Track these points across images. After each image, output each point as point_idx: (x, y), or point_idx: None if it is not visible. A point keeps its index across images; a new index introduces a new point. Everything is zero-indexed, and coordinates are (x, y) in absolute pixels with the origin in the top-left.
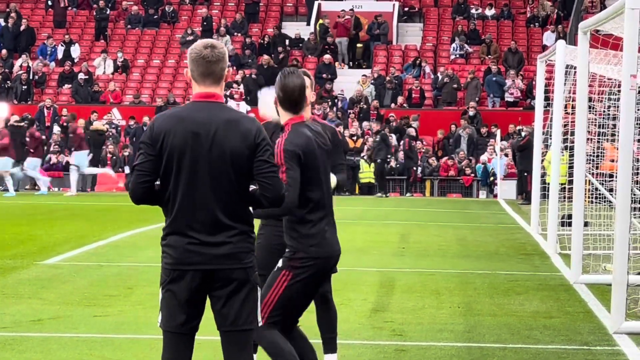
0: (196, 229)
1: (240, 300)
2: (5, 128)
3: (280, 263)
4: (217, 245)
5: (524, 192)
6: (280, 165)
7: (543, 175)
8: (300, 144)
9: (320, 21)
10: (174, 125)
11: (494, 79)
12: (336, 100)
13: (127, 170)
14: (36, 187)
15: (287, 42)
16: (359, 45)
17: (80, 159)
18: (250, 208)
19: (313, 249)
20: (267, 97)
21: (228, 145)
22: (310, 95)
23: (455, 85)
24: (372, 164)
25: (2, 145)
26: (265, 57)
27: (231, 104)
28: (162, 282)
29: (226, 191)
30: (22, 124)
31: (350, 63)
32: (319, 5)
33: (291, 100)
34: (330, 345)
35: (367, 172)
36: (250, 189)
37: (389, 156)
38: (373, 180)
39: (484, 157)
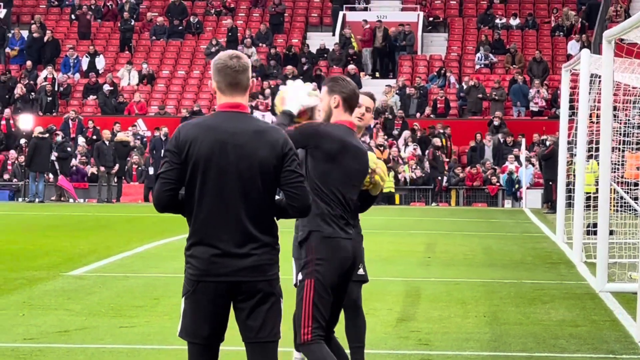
0: (222, 239)
1: (264, 312)
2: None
3: (300, 276)
4: (241, 257)
5: (549, 201)
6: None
7: (568, 184)
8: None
9: (346, 31)
10: (200, 134)
11: (519, 88)
12: None
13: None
14: (62, 199)
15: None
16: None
17: None
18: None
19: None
20: (298, 91)
21: (256, 156)
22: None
23: (480, 95)
24: (392, 173)
25: None
26: (289, 67)
27: (257, 114)
28: (185, 292)
29: (254, 202)
30: (46, 135)
31: (376, 73)
32: (344, 15)
33: (353, 105)
34: (357, 355)
35: (388, 182)
36: (276, 199)
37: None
38: (393, 190)
39: (511, 167)
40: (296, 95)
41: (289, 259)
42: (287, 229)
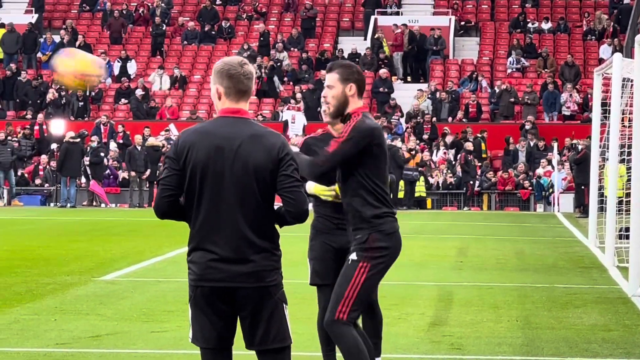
0: (219, 244)
1: (267, 319)
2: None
3: (354, 256)
4: (239, 263)
5: (581, 205)
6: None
7: (600, 188)
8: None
9: (376, 35)
10: (198, 140)
11: (550, 94)
12: (394, 114)
13: None
14: (94, 204)
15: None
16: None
17: None
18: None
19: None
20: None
21: (252, 160)
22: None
23: (512, 99)
24: (422, 177)
25: None
26: (322, 72)
27: (287, 113)
28: (189, 298)
29: (251, 207)
30: (77, 140)
31: (407, 77)
32: (376, 20)
33: (363, 90)
34: (375, 351)
35: (419, 186)
36: (276, 207)
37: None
38: (424, 194)
39: (540, 171)
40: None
41: (301, 263)
42: (299, 234)
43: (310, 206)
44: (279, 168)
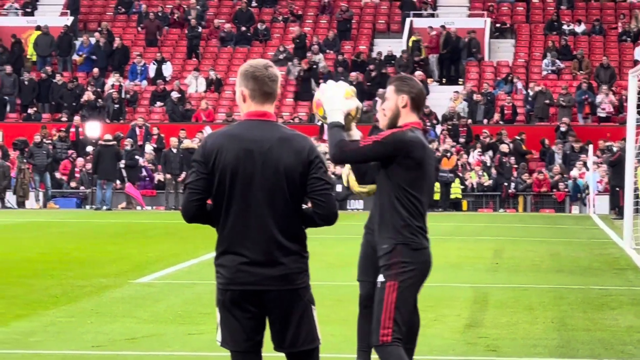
0: (248, 248)
1: (296, 322)
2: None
3: (381, 277)
4: (269, 266)
5: (616, 207)
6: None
7: (636, 189)
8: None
9: (413, 38)
10: (226, 143)
11: (586, 94)
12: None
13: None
14: (130, 207)
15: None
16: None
17: None
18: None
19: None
20: (335, 96)
21: (282, 163)
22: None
23: (547, 101)
24: (457, 179)
25: None
26: (353, 74)
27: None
28: (217, 301)
29: (281, 209)
30: (110, 142)
31: (442, 79)
32: (411, 22)
33: (420, 105)
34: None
35: (455, 188)
36: (303, 207)
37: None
38: (460, 196)
39: (576, 173)
40: (335, 100)
41: (336, 265)
42: (335, 236)
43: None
44: (309, 171)
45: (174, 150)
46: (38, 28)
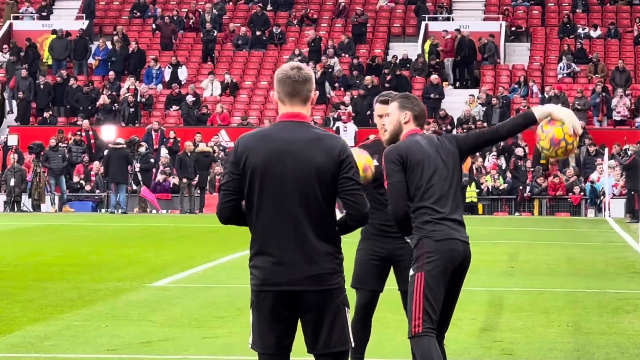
0: (282, 248)
1: (329, 323)
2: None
3: (411, 271)
4: (302, 266)
5: (632, 210)
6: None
7: None
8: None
9: (429, 41)
10: (257, 144)
11: (601, 97)
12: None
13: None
14: (146, 210)
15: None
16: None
17: None
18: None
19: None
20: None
21: (313, 162)
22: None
23: (561, 105)
24: (473, 183)
25: None
26: (368, 77)
27: (339, 125)
28: (251, 303)
29: (313, 209)
30: (119, 146)
31: (457, 83)
32: (427, 25)
33: (422, 123)
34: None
35: (470, 192)
36: (338, 217)
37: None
38: (475, 200)
39: (592, 176)
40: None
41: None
42: (356, 239)
43: None
44: (340, 170)
45: (189, 154)
46: (54, 32)
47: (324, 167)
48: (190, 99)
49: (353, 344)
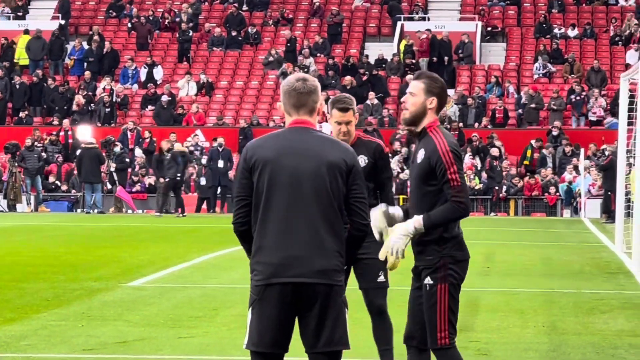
0: (293, 242)
1: (333, 319)
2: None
3: (429, 280)
4: (308, 260)
5: (608, 210)
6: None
7: (627, 193)
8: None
9: (404, 41)
10: (266, 142)
11: (577, 98)
12: None
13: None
14: (121, 210)
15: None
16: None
17: None
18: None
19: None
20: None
21: (325, 158)
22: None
23: (533, 105)
24: None
25: None
26: (347, 78)
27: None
28: (252, 301)
29: (324, 204)
30: (91, 145)
31: None
32: (402, 25)
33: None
34: (386, 357)
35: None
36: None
37: (178, 174)
38: None
39: (569, 176)
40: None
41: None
42: None
43: None
44: (350, 175)
45: (165, 154)
46: (26, 32)
47: (337, 163)
48: (165, 99)
49: (350, 347)
